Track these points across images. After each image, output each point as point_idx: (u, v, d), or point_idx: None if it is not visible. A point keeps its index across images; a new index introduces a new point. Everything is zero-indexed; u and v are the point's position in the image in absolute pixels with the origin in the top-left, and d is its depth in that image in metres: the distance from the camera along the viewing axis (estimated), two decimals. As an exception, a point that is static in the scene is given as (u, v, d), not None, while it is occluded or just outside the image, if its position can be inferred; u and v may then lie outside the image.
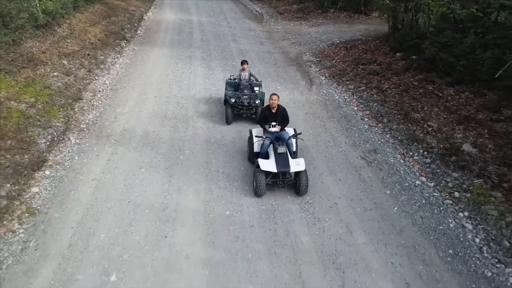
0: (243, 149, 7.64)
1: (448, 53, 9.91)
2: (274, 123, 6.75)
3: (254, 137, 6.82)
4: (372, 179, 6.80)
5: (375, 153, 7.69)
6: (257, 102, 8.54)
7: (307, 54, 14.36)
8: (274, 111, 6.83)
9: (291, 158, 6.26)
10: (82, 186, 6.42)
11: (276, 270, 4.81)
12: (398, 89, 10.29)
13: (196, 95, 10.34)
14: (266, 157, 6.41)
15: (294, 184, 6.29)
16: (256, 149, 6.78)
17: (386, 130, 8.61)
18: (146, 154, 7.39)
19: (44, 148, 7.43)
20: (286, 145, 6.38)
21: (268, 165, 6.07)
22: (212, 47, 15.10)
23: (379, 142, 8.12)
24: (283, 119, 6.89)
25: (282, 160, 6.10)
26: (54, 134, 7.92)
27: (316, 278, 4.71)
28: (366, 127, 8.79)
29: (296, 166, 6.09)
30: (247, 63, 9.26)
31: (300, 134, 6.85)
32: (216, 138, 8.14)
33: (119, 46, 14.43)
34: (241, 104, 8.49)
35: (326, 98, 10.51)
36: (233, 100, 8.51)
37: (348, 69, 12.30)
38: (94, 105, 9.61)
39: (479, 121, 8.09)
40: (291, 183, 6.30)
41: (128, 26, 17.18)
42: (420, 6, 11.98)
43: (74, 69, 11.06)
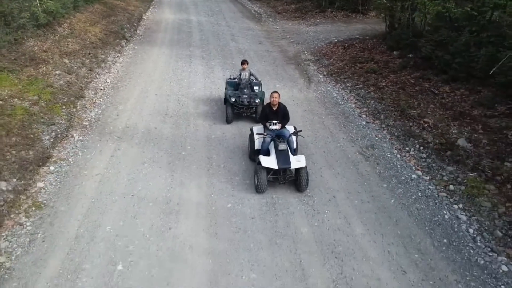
0: (243, 145, 7.81)
1: (443, 51, 10.11)
2: (274, 121, 6.81)
3: (255, 134, 6.89)
4: (369, 173, 6.98)
5: (373, 148, 7.87)
6: (257, 101, 8.60)
7: (306, 53, 14.54)
8: (275, 109, 6.87)
9: (292, 155, 6.35)
10: (87, 180, 6.57)
11: (277, 259, 4.98)
12: (395, 86, 10.48)
13: (196, 93, 10.50)
14: (267, 154, 6.48)
15: (294, 180, 6.40)
16: (257, 146, 6.86)
17: (383, 126, 8.80)
18: (149, 150, 7.54)
19: (48, 144, 7.57)
20: (287, 142, 6.43)
21: (269, 161, 6.16)
22: (211, 46, 15.26)
23: (376, 138, 8.31)
24: (284, 117, 6.95)
25: (283, 157, 6.19)
26: (58, 131, 8.06)
27: (315, 266, 4.88)
28: (364, 124, 8.98)
29: (296, 162, 6.20)
30: (247, 63, 9.31)
31: (300, 131, 6.95)
32: (216, 134, 8.30)
33: (119, 46, 14.57)
34: (241, 103, 8.57)
35: (324, 95, 10.69)
36: (233, 99, 8.59)
37: (345, 67, 12.49)
38: (96, 103, 9.75)
39: (474, 117, 8.29)
40: (292, 180, 6.41)
41: (127, 25, 17.31)
42: (416, 5, 12.20)
43: (75, 67, 11.20)
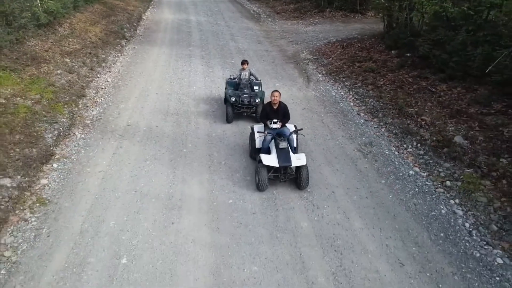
0: (244, 143, 7.92)
1: (441, 50, 10.24)
2: (275, 120, 6.85)
3: (256, 133, 6.94)
4: (368, 170, 7.11)
5: (371, 145, 8.00)
6: (257, 100, 8.64)
7: (304, 52, 14.67)
8: (275, 108, 6.91)
9: (292, 153, 6.41)
10: (90, 177, 6.67)
11: (278, 252, 5.10)
12: (393, 85, 10.61)
13: (196, 92, 10.60)
14: (268, 152, 6.52)
15: (295, 178, 6.46)
16: (257, 145, 6.92)
17: (381, 124, 8.93)
18: (151, 148, 7.65)
19: (51, 142, 7.67)
20: (287, 140, 6.49)
21: (270, 160, 6.21)
22: (211, 46, 15.37)
23: (375, 136, 8.43)
24: (284, 116, 6.99)
25: (283, 155, 6.25)
26: (60, 129, 8.16)
27: (315, 259, 5.00)
28: (362, 122, 9.10)
29: (297, 160, 6.25)
30: (247, 63, 9.35)
31: (301, 130, 7.01)
32: (217, 132, 8.41)
33: (119, 45, 14.67)
34: (241, 103, 8.61)
35: (323, 94, 10.81)
36: (233, 99, 8.65)
37: (344, 66, 12.61)
38: (97, 101, 9.85)
39: (470, 114, 8.42)
40: (292, 178, 6.48)
41: (127, 25, 17.41)
42: (414, 5, 12.32)
43: (76, 67, 11.29)
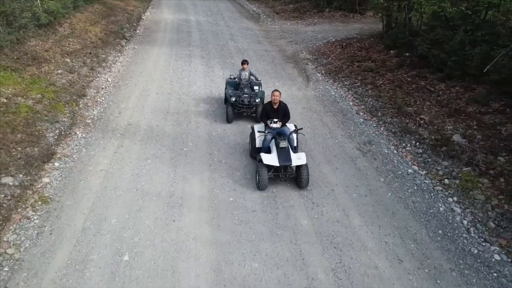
0: (244, 142, 7.97)
1: (439, 49, 10.32)
2: (275, 119, 6.87)
3: (256, 132, 6.97)
4: (367, 168, 7.17)
5: (370, 144, 8.06)
6: (257, 100, 8.66)
7: (304, 52, 14.73)
8: (276, 107, 6.93)
9: (293, 152, 6.44)
10: (91, 176, 6.72)
11: (278, 249, 5.16)
12: (392, 84, 10.68)
13: (196, 92, 10.66)
14: (268, 151, 6.54)
15: (295, 177, 6.50)
16: (258, 144, 6.95)
17: (380, 123, 8.99)
18: (151, 147, 7.70)
19: (52, 141, 7.72)
20: (288, 140, 6.51)
21: (270, 159, 6.23)
22: (210, 46, 15.43)
23: (374, 134, 8.50)
24: (285, 115, 7.01)
25: (284, 154, 6.28)
26: (61, 128, 8.21)
27: (315, 255, 5.06)
28: (361, 121, 9.17)
29: (297, 160, 6.29)
30: (247, 63, 9.36)
31: (301, 129, 7.04)
32: (217, 131, 8.46)
33: (119, 45, 14.71)
34: (241, 102, 8.63)
35: (322, 93, 10.87)
36: (233, 99, 8.67)
37: (343, 66, 12.67)
38: (98, 101, 9.90)
39: (469, 113, 8.49)
40: (293, 177, 6.51)
41: (127, 25, 17.46)
42: (412, 5, 12.37)
43: (77, 67, 11.34)
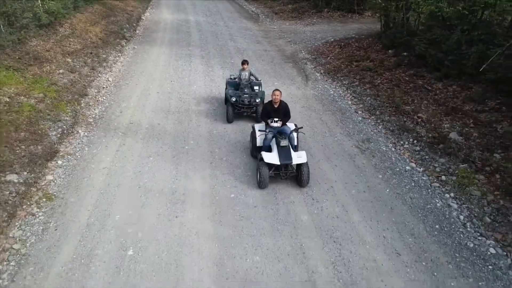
0: (244, 140, 8.09)
1: (436, 49, 10.46)
2: (276, 119, 6.91)
3: (257, 131, 7.04)
4: (365, 165, 7.29)
5: (368, 142, 8.19)
6: (257, 100, 8.69)
7: (303, 52, 14.86)
8: (276, 107, 6.98)
9: (293, 151, 6.52)
10: (94, 173, 6.82)
11: (279, 243, 5.27)
12: (390, 84, 10.82)
13: (197, 91, 10.77)
14: (269, 150, 6.60)
15: (296, 176, 6.58)
16: (259, 143, 7.03)
17: (379, 121, 9.12)
18: (153, 145, 7.81)
19: (55, 140, 7.82)
20: (288, 138, 6.57)
21: (271, 157, 6.30)
22: (210, 46, 15.54)
23: (372, 133, 8.63)
24: (285, 115, 7.05)
25: (284, 153, 6.35)
26: (64, 127, 8.31)
27: (315, 249, 5.18)
28: (360, 119, 9.30)
29: (298, 158, 6.37)
30: (247, 63, 9.36)
31: (301, 128, 7.12)
32: (218, 130, 8.58)
33: (120, 45, 14.82)
34: (241, 103, 8.66)
35: (321, 93, 11.00)
36: (234, 99, 8.71)
37: (342, 65, 12.81)
38: (99, 100, 10.00)
39: (465, 112, 8.63)
40: (293, 175, 6.58)
41: (127, 25, 17.56)
42: (410, 5, 12.53)
43: (78, 66, 11.44)
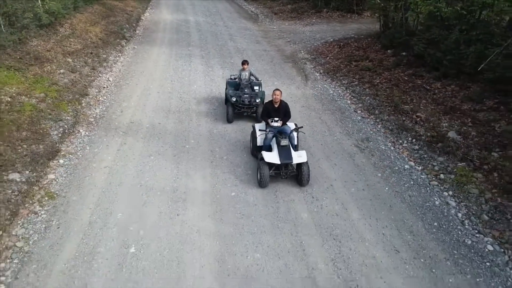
0: (245, 139, 8.15)
1: (435, 49, 10.53)
2: (276, 118, 6.95)
3: (258, 131, 7.09)
4: (364, 164, 7.36)
5: (368, 141, 8.26)
6: (257, 100, 8.71)
7: (302, 52, 14.93)
8: (276, 106, 7.02)
9: (293, 150, 6.57)
10: (96, 172, 6.88)
11: (279, 240, 5.33)
12: (389, 83, 10.89)
13: (197, 91, 10.83)
14: (269, 150, 6.64)
15: (296, 175, 6.62)
16: (259, 142, 7.07)
17: (378, 121, 9.19)
18: (154, 144, 7.87)
19: (56, 139, 7.87)
20: (288, 138, 6.61)
21: (271, 157, 6.34)
22: (210, 46, 15.60)
23: (371, 132, 8.69)
24: (285, 114, 7.10)
25: (284, 152, 6.39)
26: (65, 126, 8.36)
27: (315, 247, 5.24)
28: (359, 118, 9.36)
29: (298, 157, 6.41)
30: (248, 63, 9.37)
31: (301, 127, 7.16)
32: (218, 129, 8.63)
33: (120, 45, 14.87)
34: (242, 103, 8.68)
35: (321, 92, 11.06)
36: (234, 99, 8.72)
37: (341, 65, 12.87)
38: (100, 100, 10.05)
39: (464, 111, 8.70)
40: (294, 175, 6.62)
41: (126, 26, 17.62)
42: (409, 5, 12.60)
43: (78, 66, 11.49)
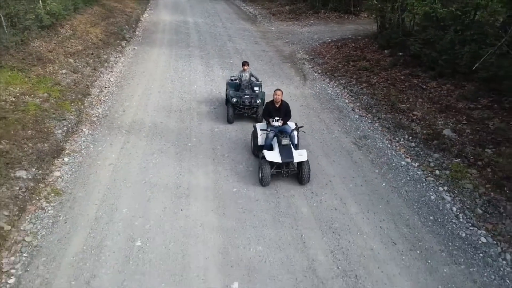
0: (245, 137, 8.33)
1: (431, 49, 10.76)
2: (277, 118, 7.08)
3: (259, 130, 7.23)
4: (362, 161, 7.56)
5: (365, 139, 8.46)
6: (258, 101, 8.79)
7: (300, 52, 15.13)
8: (277, 106, 7.15)
9: (294, 149, 6.72)
10: (100, 170, 7.04)
11: (280, 234, 5.52)
12: (386, 83, 11.10)
13: (197, 90, 11.01)
14: (271, 149, 6.77)
15: (297, 173, 6.78)
16: (260, 142, 7.21)
17: (375, 119, 9.39)
18: (157, 142, 8.04)
19: (61, 138, 8.02)
20: (289, 137, 6.73)
21: (273, 156, 6.47)
22: (209, 46, 15.78)
23: (369, 130, 8.90)
24: (286, 114, 7.21)
25: (285, 151, 6.51)
26: (69, 125, 8.51)
27: (315, 239, 5.43)
28: (357, 117, 9.57)
29: (299, 156, 6.56)
30: (248, 64, 9.45)
31: (302, 127, 7.31)
32: (219, 128, 8.81)
33: (120, 46, 15.01)
34: (242, 103, 8.76)
35: (319, 92, 11.26)
36: (234, 99, 8.80)
37: (339, 65, 13.09)
38: (102, 100, 10.21)
39: (459, 109, 8.92)
40: (294, 173, 6.78)
41: (126, 27, 17.76)
42: (405, 6, 12.83)
43: (80, 67, 11.64)
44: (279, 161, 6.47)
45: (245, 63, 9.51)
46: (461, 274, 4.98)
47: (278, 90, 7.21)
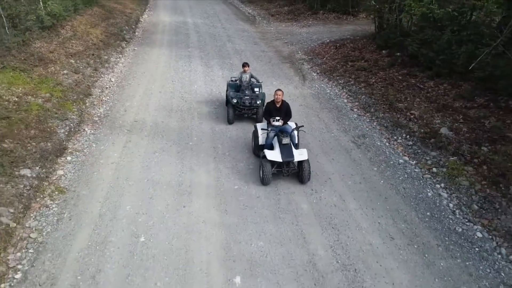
0: (246, 136, 8.45)
1: (428, 49, 10.91)
2: (277, 118, 7.15)
3: (260, 130, 7.33)
4: (361, 159, 7.69)
5: (364, 137, 8.59)
6: (258, 102, 8.84)
7: (299, 52, 15.27)
8: (278, 106, 7.24)
9: (294, 149, 6.82)
10: (103, 168, 7.15)
11: (281, 229, 5.64)
12: (384, 82, 11.24)
13: (198, 90, 11.12)
14: (271, 148, 6.86)
15: (297, 172, 6.87)
16: (261, 141, 7.31)
17: (373, 118, 9.53)
18: (158, 141, 8.15)
19: (63, 137, 8.13)
20: (289, 136, 6.81)
21: (273, 155, 6.56)
22: (209, 47, 15.90)
23: (367, 129, 9.03)
24: (286, 114, 7.30)
25: (286, 150, 6.60)
26: (71, 125, 8.62)
27: (315, 235, 5.56)
28: (355, 116, 9.70)
29: (299, 155, 6.66)
30: (248, 66, 9.48)
31: (302, 126, 7.41)
32: (220, 127, 8.93)
33: (120, 47, 15.12)
34: (242, 104, 8.81)
35: (318, 91, 11.40)
36: (235, 100, 8.87)
37: (338, 65, 13.23)
38: (103, 100, 10.31)
39: (455, 108, 9.06)
40: (295, 172, 6.88)
41: (126, 27, 17.87)
42: (403, 7, 12.97)
43: (81, 67, 11.76)
44: (280, 160, 6.56)
45: (245, 64, 9.57)
46: (457, 268, 5.11)
47: (279, 90, 7.30)
